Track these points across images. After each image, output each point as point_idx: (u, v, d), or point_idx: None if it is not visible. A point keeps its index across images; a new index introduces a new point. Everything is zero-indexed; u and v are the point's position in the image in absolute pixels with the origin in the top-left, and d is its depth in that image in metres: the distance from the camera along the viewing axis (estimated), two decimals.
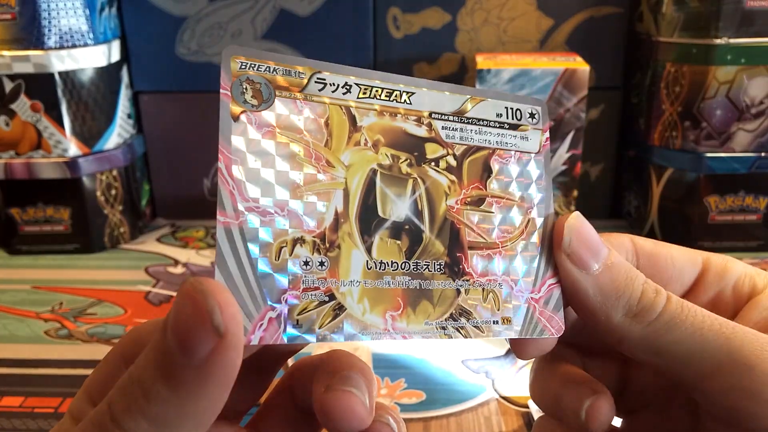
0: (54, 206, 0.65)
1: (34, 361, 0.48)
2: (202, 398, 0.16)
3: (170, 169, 0.74)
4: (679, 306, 0.21)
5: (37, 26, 0.59)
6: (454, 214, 0.21)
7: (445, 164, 0.21)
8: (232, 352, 0.16)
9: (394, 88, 0.21)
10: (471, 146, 0.22)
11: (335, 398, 0.19)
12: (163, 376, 0.16)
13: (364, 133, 0.20)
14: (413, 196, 0.21)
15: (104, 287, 0.59)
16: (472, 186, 0.22)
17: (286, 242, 0.19)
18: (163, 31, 0.69)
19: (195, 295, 0.16)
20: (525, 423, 0.41)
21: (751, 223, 0.64)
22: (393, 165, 0.21)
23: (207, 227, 0.73)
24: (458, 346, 0.49)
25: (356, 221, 0.20)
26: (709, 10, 0.58)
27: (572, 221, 0.22)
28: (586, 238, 0.22)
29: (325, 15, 0.67)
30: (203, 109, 0.71)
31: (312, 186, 0.19)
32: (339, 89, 0.20)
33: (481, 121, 0.22)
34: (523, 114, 0.23)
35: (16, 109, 0.61)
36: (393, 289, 0.20)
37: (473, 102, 0.22)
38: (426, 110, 0.21)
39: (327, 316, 0.19)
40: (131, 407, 0.16)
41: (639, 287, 0.21)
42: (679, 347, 0.21)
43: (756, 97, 0.59)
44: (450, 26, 0.68)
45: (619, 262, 0.22)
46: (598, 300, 0.21)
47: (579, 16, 0.68)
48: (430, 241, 0.21)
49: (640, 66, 0.67)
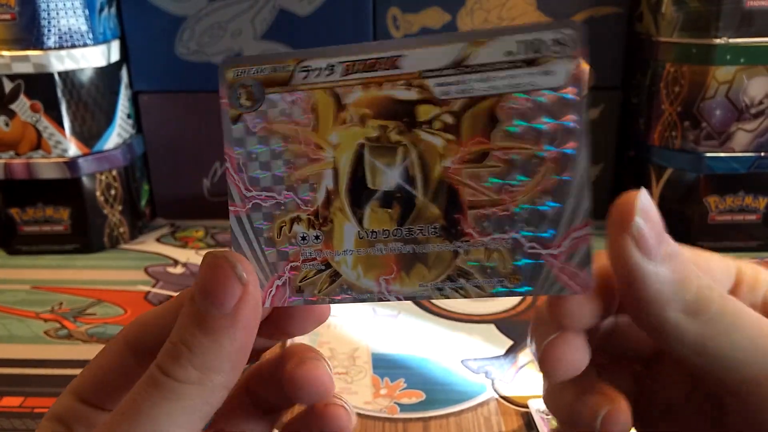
0: (54, 206, 0.65)
1: (34, 361, 0.48)
2: (235, 340, 0.20)
3: (170, 169, 0.74)
4: (738, 308, 0.20)
5: (37, 26, 0.59)
6: (450, 175, 0.21)
7: (441, 124, 0.20)
8: (253, 300, 0.20)
9: (378, 57, 0.20)
10: (473, 98, 0.20)
11: (306, 368, 0.22)
12: (202, 329, 0.19)
13: (350, 110, 0.21)
14: (404, 163, 0.21)
15: (104, 287, 0.59)
16: (473, 141, 0.20)
17: (285, 222, 0.22)
18: (162, 31, 0.69)
19: (216, 261, 0.20)
20: (525, 423, 0.41)
21: (750, 223, 0.64)
22: (381, 136, 0.21)
23: (207, 227, 0.72)
24: (458, 346, 0.49)
25: (346, 196, 0.21)
26: (708, 10, 0.58)
27: (645, 201, 0.20)
28: (657, 224, 0.20)
29: (325, 15, 0.67)
30: (203, 109, 0.71)
31: (303, 170, 0.21)
32: (322, 72, 0.21)
33: (486, 66, 0.20)
34: (544, 43, 0.20)
35: (15, 110, 0.61)
36: (385, 256, 0.21)
37: (475, 46, 0.20)
38: (416, 70, 0.20)
39: (325, 282, 0.22)
40: (179, 360, 0.19)
41: (695, 282, 0.20)
42: (731, 350, 0.20)
43: (755, 97, 0.59)
44: (450, 26, 0.68)
45: (679, 251, 0.20)
46: (657, 292, 0.20)
47: (579, 16, 0.68)
48: (423, 206, 0.21)
49: (640, 66, 0.67)
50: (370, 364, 0.47)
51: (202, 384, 0.19)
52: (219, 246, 0.68)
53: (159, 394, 0.19)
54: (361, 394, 0.44)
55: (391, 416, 0.42)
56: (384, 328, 0.52)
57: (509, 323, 0.52)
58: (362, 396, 0.43)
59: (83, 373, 0.23)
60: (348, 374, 0.46)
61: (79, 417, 0.22)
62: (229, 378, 0.20)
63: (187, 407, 0.19)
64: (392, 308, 0.54)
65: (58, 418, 0.22)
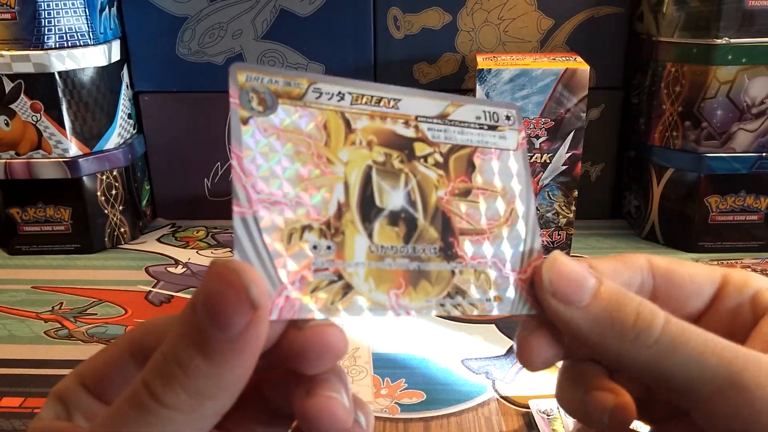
0: (54, 206, 0.65)
1: (34, 361, 0.48)
2: (237, 368, 0.17)
3: (171, 169, 0.74)
4: (679, 328, 0.21)
5: (37, 26, 0.59)
6: (444, 204, 0.23)
7: (433, 161, 0.24)
8: (263, 324, 0.18)
9: (382, 96, 0.23)
10: (455, 145, 0.24)
11: (318, 404, 0.20)
12: (200, 351, 0.17)
13: (358, 134, 0.23)
14: (406, 188, 0.23)
15: (104, 287, 0.59)
16: (458, 179, 0.24)
17: (295, 229, 0.21)
18: (163, 31, 0.69)
19: (228, 274, 0.17)
20: (525, 423, 0.41)
21: (751, 224, 0.63)
22: (386, 161, 0.23)
23: (207, 227, 0.73)
24: (458, 346, 0.49)
25: (357, 210, 0.22)
26: (709, 10, 0.58)
27: (549, 263, 0.22)
28: (567, 274, 0.22)
29: (325, 15, 0.67)
30: (204, 109, 0.71)
31: (315, 180, 0.22)
32: (334, 97, 0.23)
33: (463, 123, 0.25)
34: (500, 116, 0.25)
35: (16, 109, 0.61)
36: (394, 270, 0.22)
37: (454, 106, 0.25)
38: (412, 114, 0.24)
39: (338, 293, 0.21)
40: (170, 382, 0.17)
41: (633, 311, 0.21)
42: (681, 371, 0.20)
43: (757, 97, 0.59)
44: (450, 26, 0.68)
45: (609, 289, 0.22)
46: (594, 331, 0.21)
47: (579, 16, 0.67)
48: (424, 228, 0.23)
49: (640, 66, 0.67)
50: (370, 364, 0.47)
51: (192, 411, 0.17)
52: (220, 246, 0.68)
53: (142, 418, 0.17)
54: (362, 394, 0.44)
55: (391, 416, 0.42)
56: (384, 329, 0.52)
57: (510, 323, 0.52)
58: (363, 396, 0.43)
59: (90, 359, 0.23)
60: (349, 374, 0.46)
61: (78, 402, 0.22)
62: (224, 405, 0.18)
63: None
64: None
65: (59, 398, 0.22)
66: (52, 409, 0.22)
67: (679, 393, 0.21)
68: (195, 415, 0.17)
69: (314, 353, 0.20)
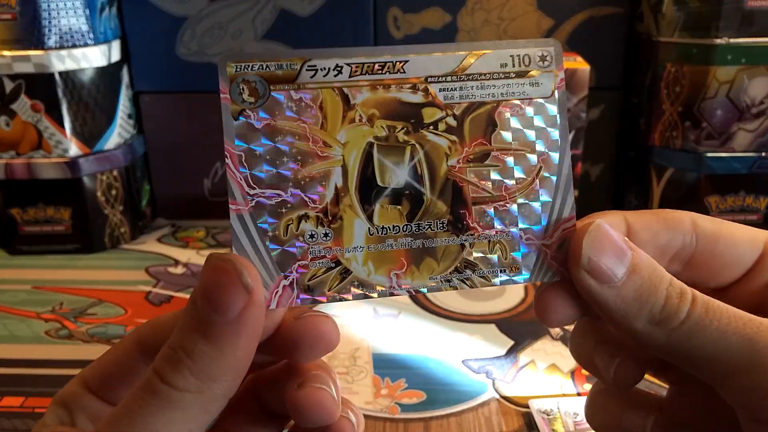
0: (54, 206, 0.65)
1: (34, 361, 0.48)
2: (238, 349, 0.19)
3: (171, 169, 0.74)
4: (704, 309, 0.21)
5: (38, 26, 0.59)
6: (456, 173, 0.22)
7: (445, 126, 0.22)
8: (258, 307, 0.19)
9: (385, 61, 0.22)
10: (473, 103, 0.22)
11: (307, 394, 0.21)
12: (203, 336, 0.19)
13: (358, 110, 0.22)
14: (411, 162, 0.22)
15: (105, 287, 0.59)
16: (475, 143, 0.22)
17: (291, 220, 0.21)
18: (163, 31, 0.69)
19: (222, 264, 0.19)
20: (525, 423, 0.41)
21: (751, 224, 0.63)
22: (389, 135, 0.22)
23: (207, 227, 0.73)
24: (459, 346, 0.49)
25: (356, 193, 0.22)
26: (709, 10, 0.58)
27: (591, 238, 0.21)
28: (608, 254, 0.21)
29: (325, 15, 0.67)
30: (204, 110, 0.71)
31: (311, 167, 0.21)
32: (330, 72, 0.21)
33: (483, 76, 0.22)
34: (532, 59, 0.22)
35: (16, 109, 0.61)
36: (396, 251, 0.22)
37: (474, 57, 0.22)
38: (421, 76, 0.22)
39: (335, 279, 0.21)
40: (178, 367, 0.19)
41: (663, 293, 0.21)
42: (702, 351, 0.20)
43: (756, 97, 0.59)
44: (450, 26, 0.68)
45: (643, 266, 0.21)
46: (620, 310, 0.21)
47: (579, 16, 0.67)
48: (431, 203, 0.22)
49: (640, 66, 0.67)
50: (370, 364, 0.47)
51: (200, 393, 0.19)
52: (220, 246, 0.68)
53: (155, 402, 0.19)
54: (362, 394, 0.44)
55: (391, 416, 0.42)
56: (385, 328, 0.52)
57: (510, 323, 0.52)
58: (363, 396, 0.43)
59: (94, 363, 0.23)
60: (349, 374, 0.46)
61: (83, 405, 0.22)
62: (230, 387, 0.19)
63: (184, 416, 0.19)
64: (393, 308, 0.54)
65: (62, 403, 0.22)
66: (54, 414, 0.22)
67: (699, 369, 0.21)
68: (203, 396, 0.19)
69: (307, 343, 0.22)
